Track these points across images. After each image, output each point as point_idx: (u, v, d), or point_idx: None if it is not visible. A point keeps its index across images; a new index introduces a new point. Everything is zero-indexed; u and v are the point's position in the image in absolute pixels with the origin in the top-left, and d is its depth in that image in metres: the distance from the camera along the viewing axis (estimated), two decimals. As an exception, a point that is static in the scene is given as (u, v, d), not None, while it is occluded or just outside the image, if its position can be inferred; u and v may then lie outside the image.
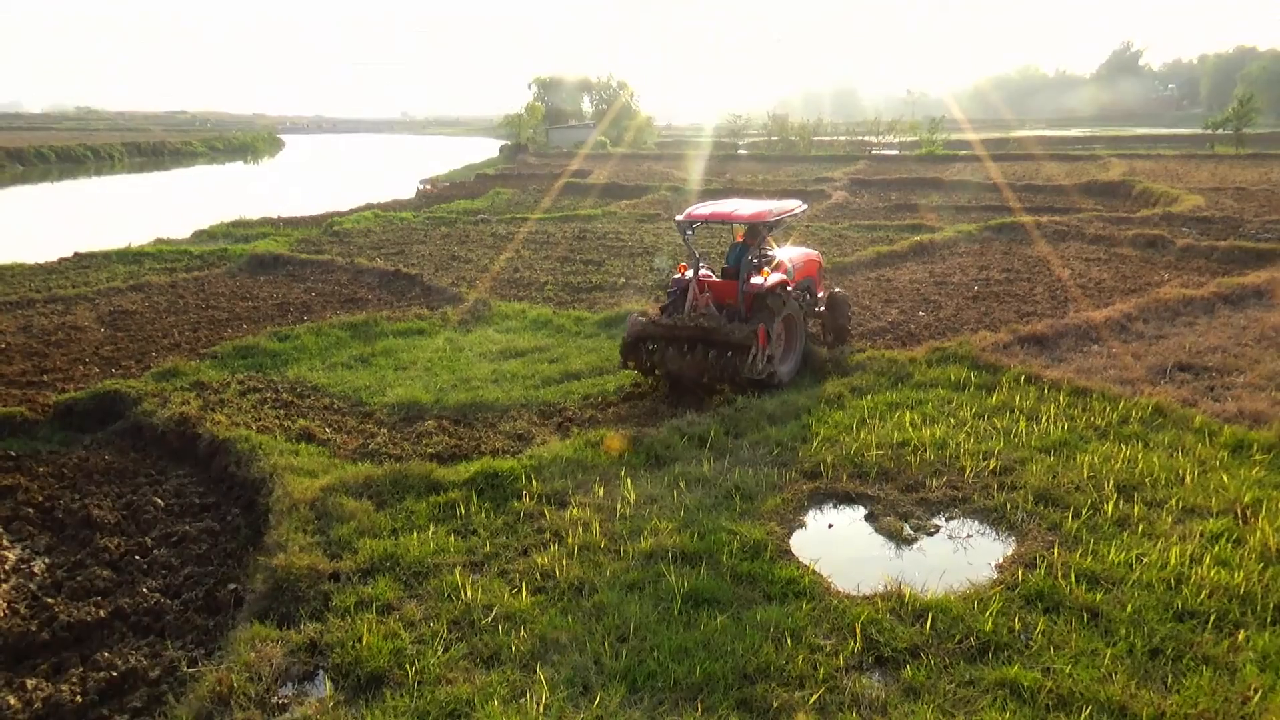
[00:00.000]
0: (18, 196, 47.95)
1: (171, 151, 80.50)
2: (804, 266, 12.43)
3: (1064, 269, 18.19)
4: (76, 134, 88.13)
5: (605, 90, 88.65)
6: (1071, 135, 79.64)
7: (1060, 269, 18.20)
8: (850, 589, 6.50)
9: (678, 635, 5.80)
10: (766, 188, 36.34)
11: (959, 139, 63.05)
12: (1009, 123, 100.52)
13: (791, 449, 9.02)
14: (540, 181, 41.66)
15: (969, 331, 13.04)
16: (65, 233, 26.81)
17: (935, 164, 47.56)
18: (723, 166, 49.89)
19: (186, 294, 17.28)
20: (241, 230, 26.20)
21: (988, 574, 6.73)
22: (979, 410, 9.92)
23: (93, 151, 69.66)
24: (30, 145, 66.73)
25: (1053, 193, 32.78)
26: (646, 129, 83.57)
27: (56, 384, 11.62)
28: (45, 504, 8.51)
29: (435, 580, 6.52)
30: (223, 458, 9.14)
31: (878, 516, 7.75)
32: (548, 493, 7.95)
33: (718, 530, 7.19)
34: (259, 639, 5.79)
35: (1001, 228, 23.45)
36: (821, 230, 24.52)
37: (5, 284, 18.20)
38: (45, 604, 6.83)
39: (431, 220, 28.24)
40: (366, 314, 14.85)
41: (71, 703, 5.67)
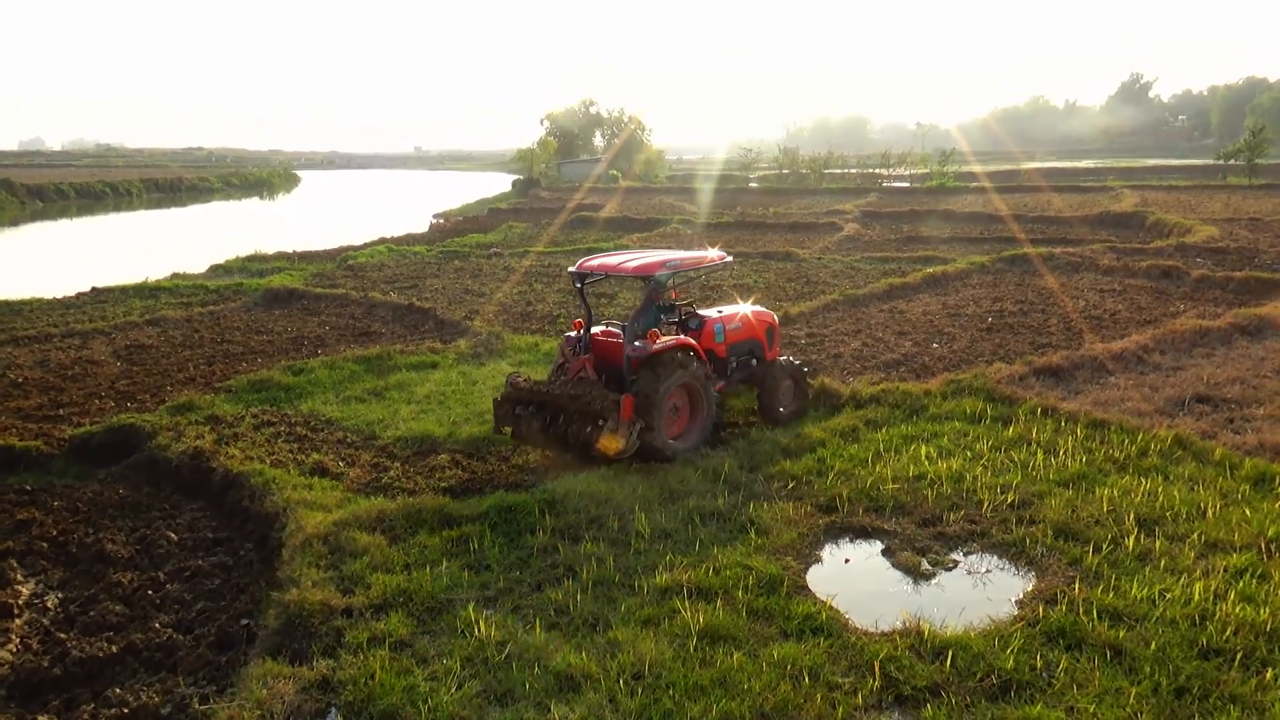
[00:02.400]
0: (37, 232, 48.55)
1: (189, 187, 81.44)
2: (746, 327, 11.18)
3: (1078, 301, 18.12)
4: (96, 170, 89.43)
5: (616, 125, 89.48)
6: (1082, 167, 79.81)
7: (1074, 301, 18.13)
8: (868, 625, 6.42)
9: (693, 672, 5.72)
10: (777, 220, 36.49)
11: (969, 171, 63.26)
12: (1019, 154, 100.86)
13: (806, 483, 8.95)
14: (552, 215, 41.92)
15: (984, 363, 12.97)
16: (83, 268, 27.07)
17: (946, 196, 47.69)
18: (733, 199, 50.14)
19: (202, 328, 17.39)
20: (257, 265, 26.42)
21: (1008, 610, 6.64)
22: (995, 443, 9.84)
23: (111, 188, 70.62)
24: (50, 182, 67.72)
25: (1065, 224, 32.78)
26: (657, 162, 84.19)
27: (72, 418, 11.67)
28: (59, 538, 8.51)
29: (448, 616, 6.47)
30: (236, 492, 9.14)
31: (894, 551, 7.67)
32: (561, 527, 7.90)
33: (733, 565, 7.12)
34: (271, 675, 5.74)
35: (1014, 259, 23.41)
36: (833, 263, 24.55)
37: (23, 319, 18.37)
38: (58, 639, 6.81)
39: (445, 254, 28.42)
40: (380, 347, 14.89)
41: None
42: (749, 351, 11.23)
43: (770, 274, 22.87)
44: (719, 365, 10.84)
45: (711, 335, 10.80)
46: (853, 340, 15.01)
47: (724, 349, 10.90)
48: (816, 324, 16.42)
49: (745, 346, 11.20)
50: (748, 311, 11.37)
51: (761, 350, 11.31)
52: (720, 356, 10.86)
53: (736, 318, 11.16)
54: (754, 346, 11.28)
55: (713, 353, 10.75)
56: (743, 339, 11.16)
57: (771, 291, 20.21)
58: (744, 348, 11.18)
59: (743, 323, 11.19)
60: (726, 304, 12.48)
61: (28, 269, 29.66)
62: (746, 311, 11.36)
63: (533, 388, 10.07)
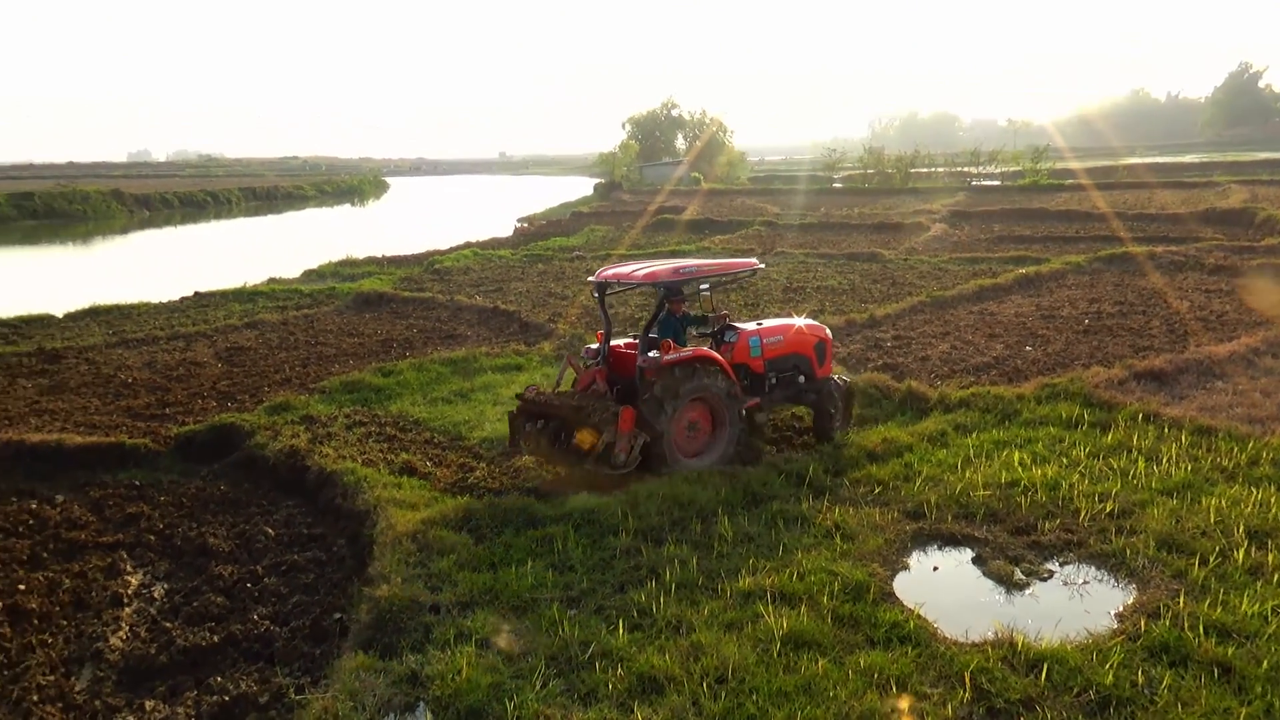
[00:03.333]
0: (145, 240, 50.99)
1: (284, 195, 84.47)
2: (789, 342, 10.38)
3: (1182, 301, 17.36)
4: (198, 180, 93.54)
5: (698, 127, 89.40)
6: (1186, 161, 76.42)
7: (1178, 301, 17.37)
8: (958, 635, 6.25)
9: (777, 678, 5.66)
10: (862, 221, 35.94)
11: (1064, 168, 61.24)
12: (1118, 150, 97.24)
13: (893, 488, 8.78)
14: (634, 218, 42.10)
15: (1080, 367, 12.52)
16: (187, 273, 28.28)
17: (1040, 194, 46.24)
18: (817, 200, 49.59)
19: (297, 331, 17.97)
20: (348, 269, 27.21)
21: (1107, 623, 6.39)
22: (1093, 450, 9.49)
23: (212, 196, 73.67)
24: (156, 191, 71.07)
25: (1167, 221, 31.45)
26: (739, 164, 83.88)
27: (177, 417, 12.19)
28: (165, 532, 8.90)
29: (533, 615, 6.54)
30: (329, 490, 9.42)
31: (986, 560, 7.46)
32: (644, 529, 7.91)
33: (817, 570, 7.03)
34: (363, 669, 5.89)
35: (1112, 259, 22.57)
36: (920, 263, 24.05)
37: (132, 322, 19.29)
38: (164, 628, 7.11)
39: (528, 257, 28.80)
40: (466, 350, 15.17)
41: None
42: (793, 368, 10.43)
43: (855, 275, 22.53)
44: (755, 381, 10.18)
45: (746, 349, 10.10)
46: (941, 343, 14.68)
47: (761, 364, 10.17)
48: (903, 326, 16.10)
49: (788, 362, 10.40)
50: (801, 324, 10.67)
51: (809, 367, 10.50)
52: (756, 372, 10.17)
53: (779, 331, 10.43)
54: (799, 363, 10.47)
55: (747, 367, 10.11)
56: (784, 354, 10.36)
57: (856, 293, 19.91)
58: (786, 364, 10.39)
59: (786, 336, 10.40)
60: (778, 316, 12.02)
61: (136, 275, 31.12)
62: (800, 324, 10.66)
63: (538, 400, 9.70)
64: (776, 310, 16.21)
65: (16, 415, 12.31)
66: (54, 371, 14.84)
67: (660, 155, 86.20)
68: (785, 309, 15.58)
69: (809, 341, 10.57)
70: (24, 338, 17.68)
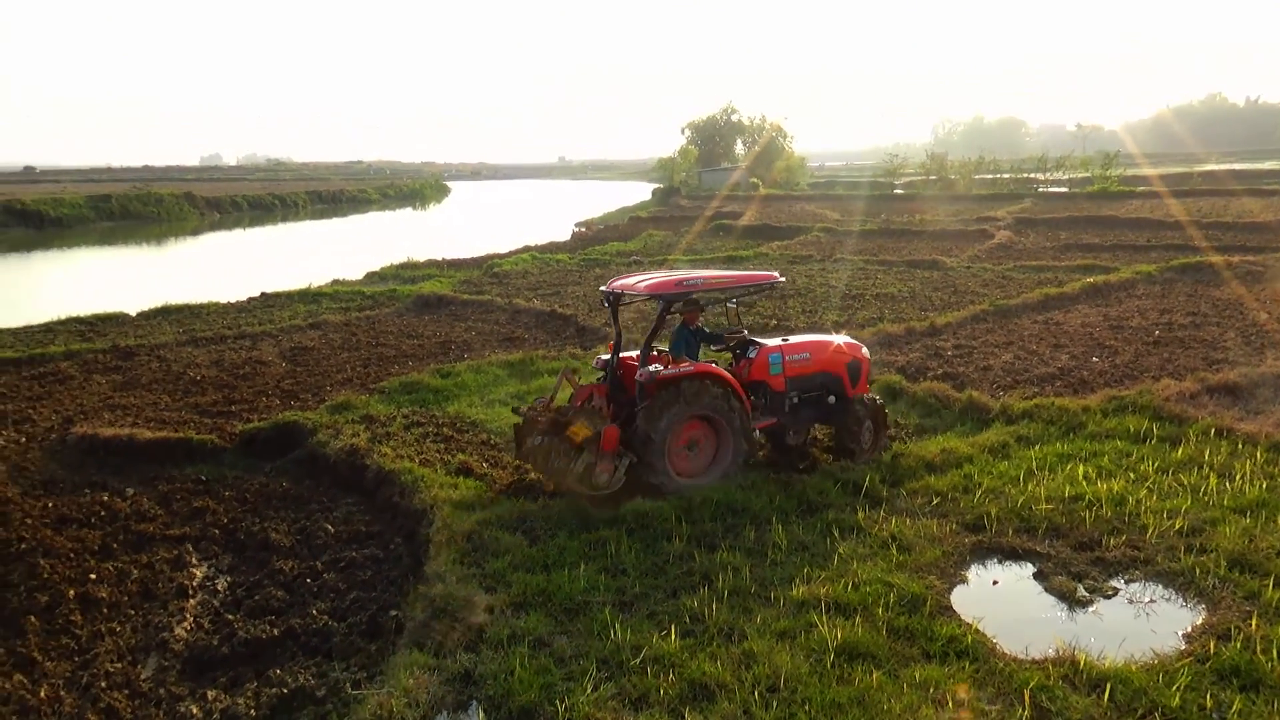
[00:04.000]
0: (215, 241, 52.45)
1: (349, 199, 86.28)
2: (817, 360, 9.88)
3: (1260, 312, 16.76)
4: (266, 184, 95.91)
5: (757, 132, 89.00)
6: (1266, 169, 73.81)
7: (1256, 312, 16.78)
8: (1017, 651, 6.11)
9: (831, 689, 5.59)
10: (923, 228, 35.42)
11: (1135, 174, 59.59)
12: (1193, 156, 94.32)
13: (952, 500, 8.62)
14: (692, 223, 42.07)
15: (1149, 379, 12.16)
16: (254, 274, 29.04)
17: (1109, 201, 45.07)
18: (877, 206, 48.99)
19: (359, 332, 18.31)
20: (409, 272, 27.64)
21: (1174, 644, 6.20)
22: (1162, 465, 9.20)
23: (280, 200, 75.53)
24: (226, 195, 73.10)
25: (1245, 230, 30.42)
26: (798, 169, 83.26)
27: (242, 414, 12.50)
28: (229, 526, 9.13)
29: (585, 618, 6.55)
30: (388, 488, 9.56)
31: (1047, 575, 7.28)
32: (697, 535, 7.89)
33: (873, 581, 6.92)
34: (418, 666, 5.96)
35: (1185, 268, 21.90)
36: (983, 271, 23.61)
37: (202, 321, 19.85)
38: (226, 620, 7.30)
39: (586, 262, 28.95)
40: (523, 353, 15.30)
41: (246, 716, 6.00)
42: (820, 387, 9.90)
43: (915, 282, 22.21)
44: (773, 400, 9.71)
45: (765, 366, 9.64)
46: (1003, 352, 14.38)
47: (782, 382, 9.67)
48: (964, 335, 15.82)
49: (815, 381, 9.87)
50: (839, 342, 10.23)
51: (840, 387, 9.96)
52: (776, 390, 9.69)
53: (805, 348, 9.90)
54: (827, 382, 9.92)
55: (766, 385, 9.67)
56: (810, 373, 9.83)
57: (916, 301, 19.62)
58: (812, 382, 9.86)
59: (813, 354, 9.88)
60: (817, 331, 11.54)
61: (206, 275, 32.03)
62: (838, 342, 10.23)
63: (529, 414, 9.54)
64: (826, 326, 15.89)
65: (91, 409, 12.76)
66: (127, 368, 15.34)
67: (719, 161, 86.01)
68: (829, 325, 15.16)
69: (840, 360, 10.05)
70: (100, 335, 18.31)
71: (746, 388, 9.75)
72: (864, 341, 15.08)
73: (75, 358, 15.95)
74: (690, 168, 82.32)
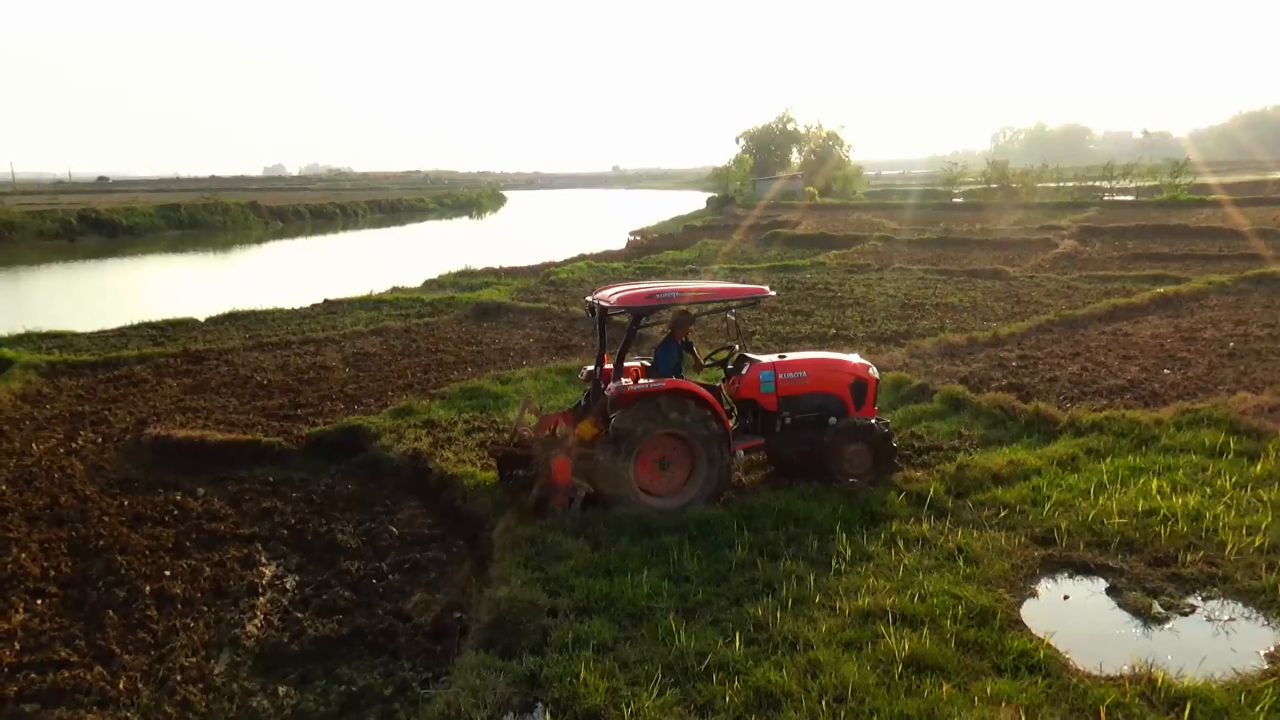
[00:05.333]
0: (279, 250, 53.72)
1: (407, 208, 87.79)
2: (815, 379, 9.38)
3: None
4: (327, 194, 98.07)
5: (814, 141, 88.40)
6: (1342, 177, 71.20)
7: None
8: (1091, 668, 5.96)
9: (899, 700, 5.51)
10: (984, 237, 34.87)
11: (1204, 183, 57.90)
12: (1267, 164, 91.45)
13: (1020, 512, 8.45)
14: (746, 232, 41.93)
15: (1225, 392, 11.78)
16: (317, 282, 29.64)
17: (1179, 210, 43.87)
18: (936, 215, 48.30)
19: (419, 338, 18.58)
20: (467, 280, 27.97)
21: (1255, 663, 6.00)
22: (1240, 480, 8.91)
23: (341, 209, 77.22)
24: (289, 204, 74.96)
25: (1322, 240, 29.36)
26: (855, 178, 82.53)
27: (308, 418, 12.75)
28: (297, 526, 9.32)
29: (649, 624, 6.55)
30: (450, 492, 9.68)
31: (1121, 590, 7.09)
32: (759, 543, 7.84)
33: (940, 593, 6.81)
34: (483, 667, 6.01)
35: (1261, 278, 21.23)
36: (1047, 281, 23.15)
37: (267, 327, 20.32)
38: (295, 618, 7.45)
39: (641, 270, 29.02)
40: (581, 360, 15.35)
41: (316, 713, 6.12)
42: (819, 407, 9.36)
43: (977, 293, 21.85)
44: (764, 420, 9.33)
45: (755, 383, 9.24)
46: (1070, 364, 14.06)
47: (773, 400, 9.23)
48: (1029, 346, 15.51)
49: (812, 402, 9.34)
50: (852, 361, 9.77)
51: (842, 408, 9.39)
52: (767, 409, 9.28)
53: (801, 366, 9.42)
54: (827, 402, 9.38)
55: (756, 404, 9.32)
56: (807, 392, 9.33)
57: (978, 311, 19.30)
58: (810, 403, 9.34)
59: (810, 372, 9.39)
60: (828, 350, 11.15)
61: (271, 282, 32.79)
62: (851, 361, 9.77)
63: (497, 447, 9.50)
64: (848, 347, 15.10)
65: (164, 412, 13.13)
66: (197, 372, 15.77)
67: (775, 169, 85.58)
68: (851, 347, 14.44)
69: (843, 380, 9.51)
70: (170, 339, 18.85)
71: (737, 405, 9.55)
72: (925, 352, 14.99)
73: (148, 361, 16.44)
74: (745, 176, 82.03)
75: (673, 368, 9.30)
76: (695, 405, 8.61)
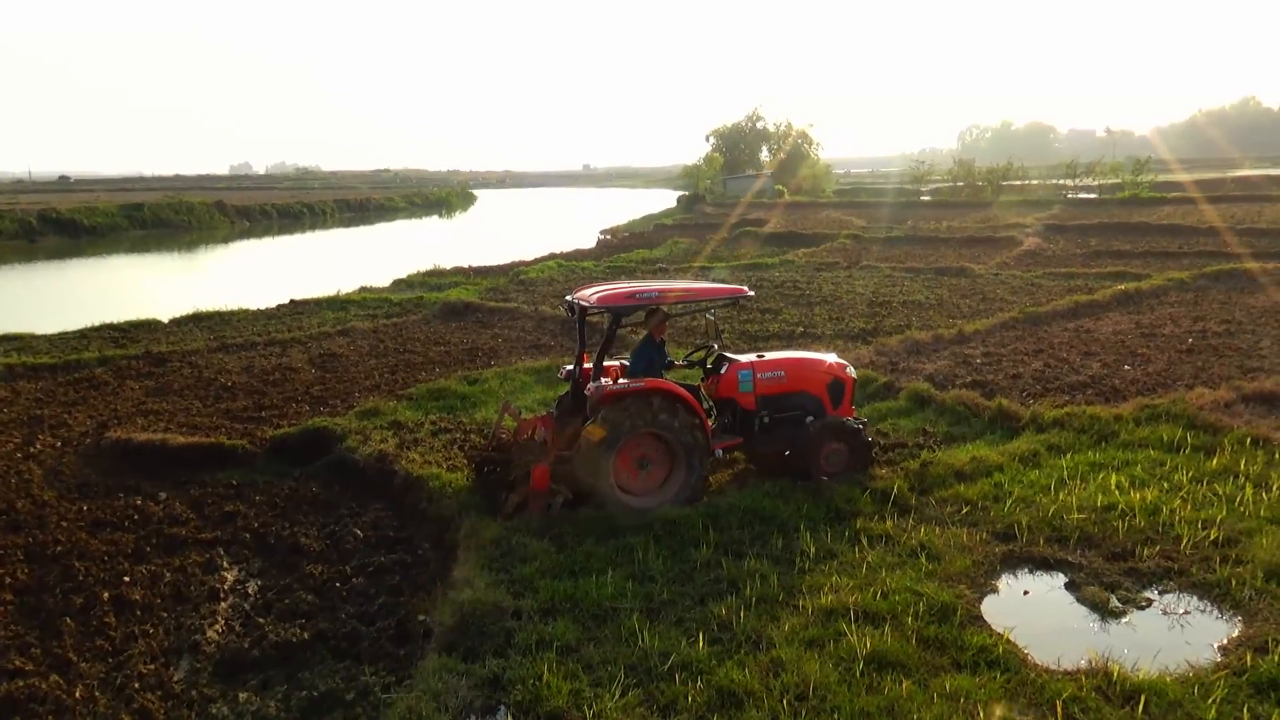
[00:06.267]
0: (245, 249, 53.09)
1: (376, 207, 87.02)
2: (793, 378, 9.47)
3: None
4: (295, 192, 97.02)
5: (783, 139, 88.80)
6: (1299, 175, 72.68)
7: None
8: (1049, 662, 6.04)
9: (860, 698, 5.55)
10: (951, 235, 35.18)
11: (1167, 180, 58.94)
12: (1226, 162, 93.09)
13: (982, 509, 8.54)
14: (717, 231, 42.04)
15: (1183, 388, 11.99)
16: (283, 282, 29.32)
17: (1140, 207, 44.61)
18: (904, 213, 48.73)
19: (386, 338, 18.44)
20: (436, 279, 27.80)
21: (1209, 656, 6.11)
22: (1197, 474, 9.07)
23: (308, 208, 76.42)
24: (256, 203, 74.05)
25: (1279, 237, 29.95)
26: (824, 177, 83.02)
27: (273, 420, 12.62)
28: (260, 530, 9.22)
29: (613, 624, 6.55)
30: (416, 494, 9.62)
31: (1079, 585, 7.19)
32: (725, 542, 7.87)
33: (902, 590, 6.88)
34: (446, 670, 5.99)
35: (1219, 275, 21.61)
36: (1012, 278, 23.42)
37: (232, 328, 20.08)
38: (257, 623, 7.38)
39: (611, 269, 29.01)
40: (550, 359, 15.33)
41: (276, 718, 6.06)
42: (797, 406, 9.45)
43: (943, 290, 22.06)
44: (743, 419, 9.40)
45: (734, 382, 9.31)
46: (1033, 360, 14.24)
47: (751, 400, 9.30)
48: (993, 343, 15.68)
49: (792, 401, 9.44)
50: (830, 361, 9.83)
51: (819, 408, 9.48)
52: (746, 409, 9.35)
53: (779, 365, 9.50)
54: (806, 402, 9.47)
55: (735, 403, 9.39)
56: (785, 392, 9.42)
57: (944, 308, 19.48)
58: (789, 402, 9.44)
59: (788, 372, 9.48)
60: (802, 349, 11.26)
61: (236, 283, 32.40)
62: (829, 361, 9.83)
63: (479, 456, 9.44)
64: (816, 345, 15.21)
65: (125, 415, 12.94)
66: (159, 374, 15.55)
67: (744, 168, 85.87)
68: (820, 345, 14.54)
69: (820, 380, 9.60)
70: (133, 341, 18.56)
71: (716, 405, 9.60)
72: (892, 349, 15.10)
73: (109, 364, 16.19)
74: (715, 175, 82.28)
75: (653, 368, 9.32)
76: (685, 411, 8.67)
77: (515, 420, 9.66)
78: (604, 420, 8.45)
